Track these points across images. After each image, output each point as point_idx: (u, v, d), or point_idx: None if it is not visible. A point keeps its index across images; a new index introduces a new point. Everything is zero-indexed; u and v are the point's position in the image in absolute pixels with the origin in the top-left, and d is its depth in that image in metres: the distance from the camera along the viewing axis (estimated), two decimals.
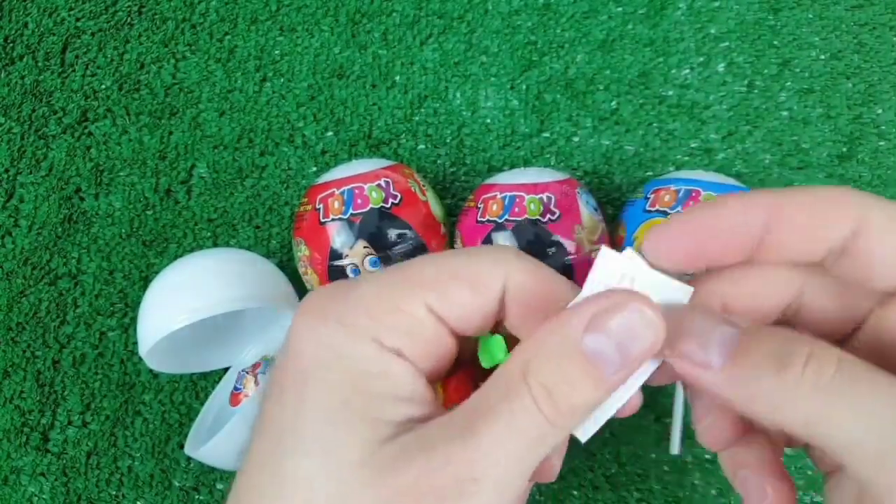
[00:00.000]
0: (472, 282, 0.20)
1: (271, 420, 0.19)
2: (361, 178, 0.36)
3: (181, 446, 0.41)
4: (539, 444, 0.19)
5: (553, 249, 0.35)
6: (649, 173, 0.43)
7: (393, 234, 0.36)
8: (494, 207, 0.36)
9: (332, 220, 0.36)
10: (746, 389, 0.19)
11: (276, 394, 0.20)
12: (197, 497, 0.41)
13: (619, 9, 0.44)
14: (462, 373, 0.24)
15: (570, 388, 0.19)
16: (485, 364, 0.22)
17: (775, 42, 0.44)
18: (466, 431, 0.18)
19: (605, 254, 0.20)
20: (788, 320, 0.22)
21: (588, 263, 0.36)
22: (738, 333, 0.19)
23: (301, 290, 0.40)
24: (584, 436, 0.21)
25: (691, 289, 0.20)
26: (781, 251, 0.20)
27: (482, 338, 0.22)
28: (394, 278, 0.20)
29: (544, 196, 0.36)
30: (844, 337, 0.21)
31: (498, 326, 0.22)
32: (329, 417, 0.18)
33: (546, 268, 0.21)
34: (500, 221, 0.36)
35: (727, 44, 0.44)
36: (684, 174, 0.37)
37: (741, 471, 0.22)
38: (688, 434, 0.40)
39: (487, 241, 0.36)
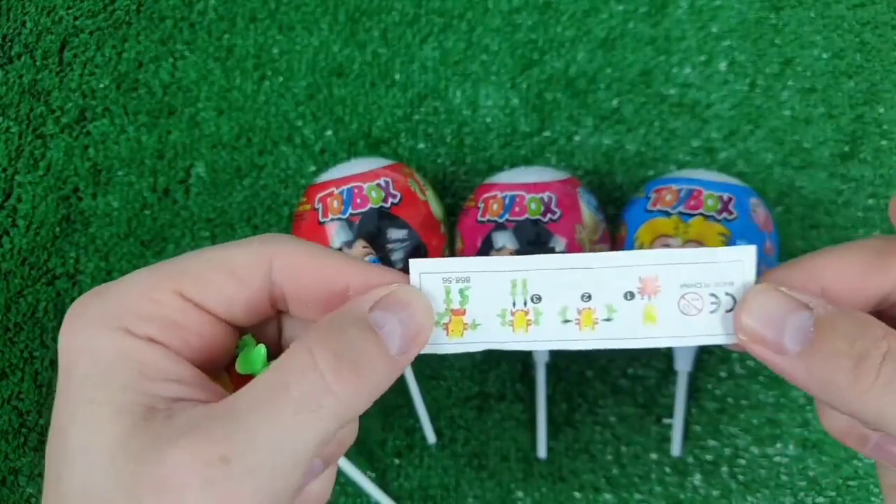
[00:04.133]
0: (231, 271, 0.20)
1: (51, 430, 0.19)
2: (361, 177, 0.36)
3: None
4: (317, 422, 0.18)
5: (554, 249, 0.35)
6: (651, 172, 0.43)
7: (392, 233, 0.35)
8: (495, 207, 0.36)
9: (332, 219, 0.36)
10: (821, 379, 0.19)
11: (54, 405, 0.20)
12: None
13: (621, 7, 0.44)
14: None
15: (358, 354, 0.19)
16: (240, 369, 0.22)
17: (777, 41, 0.43)
18: (229, 414, 0.18)
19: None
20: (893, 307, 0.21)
21: None
22: (811, 319, 0.19)
23: None
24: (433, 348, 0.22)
25: (753, 247, 0.21)
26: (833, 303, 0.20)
27: (244, 344, 0.22)
28: (150, 270, 0.20)
29: (545, 195, 0.36)
30: None
31: (281, 315, 0.23)
32: (87, 412, 0.18)
33: (321, 249, 0.21)
34: (500, 221, 0.36)
35: (729, 42, 0.43)
36: (686, 173, 0.37)
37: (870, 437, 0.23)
38: (688, 435, 0.40)
39: (488, 240, 0.36)
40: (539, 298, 0.21)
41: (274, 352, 0.22)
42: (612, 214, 0.42)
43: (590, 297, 0.21)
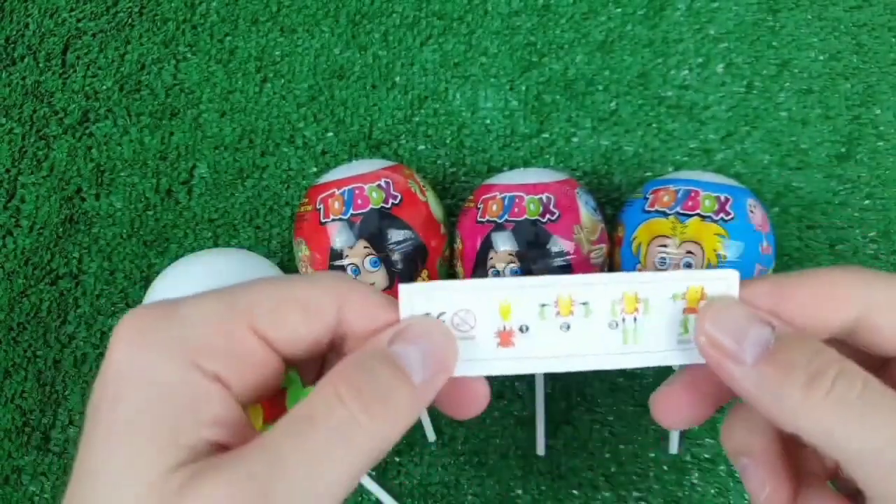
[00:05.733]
0: (304, 306, 0.20)
1: (84, 456, 0.19)
2: (362, 178, 0.37)
3: None
4: (348, 453, 0.18)
5: (552, 250, 0.35)
6: (648, 173, 0.43)
7: (393, 234, 0.36)
8: (494, 208, 0.36)
9: (333, 220, 0.36)
10: (772, 393, 0.19)
11: (90, 425, 0.19)
12: None
13: (619, 10, 0.44)
14: (283, 392, 0.24)
15: (381, 387, 0.19)
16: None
17: (774, 43, 0.44)
18: (264, 448, 0.18)
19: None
20: (843, 340, 0.22)
21: (587, 263, 0.36)
22: (773, 335, 0.20)
23: None
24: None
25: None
26: None
27: (290, 381, 0.22)
28: (222, 300, 0.20)
29: (544, 196, 0.36)
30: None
31: (330, 353, 0.23)
32: (131, 447, 0.18)
33: (381, 295, 0.22)
34: (499, 222, 0.36)
35: (726, 44, 0.44)
36: (683, 174, 0.37)
37: (742, 458, 0.23)
38: (686, 433, 0.40)
39: (487, 241, 0.36)
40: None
41: None
42: (611, 215, 0.42)
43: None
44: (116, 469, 0.18)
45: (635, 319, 0.22)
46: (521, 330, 0.22)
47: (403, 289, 0.22)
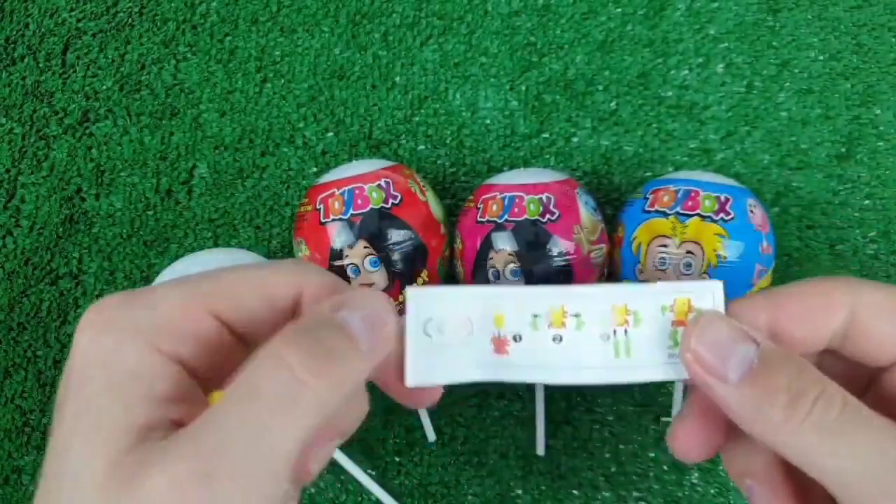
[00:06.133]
0: (262, 291, 0.21)
1: (53, 439, 0.19)
2: (362, 178, 0.37)
3: None
4: (293, 417, 0.18)
5: (552, 250, 0.35)
6: (648, 173, 0.43)
7: (393, 234, 0.36)
8: (494, 207, 0.36)
9: (333, 220, 0.36)
10: (754, 412, 0.20)
11: (58, 408, 0.19)
12: None
13: (619, 10, 0.44)
14: None
15: (328, 349, 0.19)
16: None
17: (774, 43, 0.44)
18: (209, 424, 0.18)
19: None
20: (835, 349, 0.22)
21: (587, 263, 0.36)
22: (757, 353, 0.20)
23: None
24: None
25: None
26: (788, 344, 0.21)
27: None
28: (182, 286, 0.21)
29: (544, 196, 0.36)
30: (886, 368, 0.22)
31: None
32: (91, 428, 0.18)
33: (344, 283, 0.22)
34: (499, 221, 0.36)
35: (726, 44, 0.44)
36: (683, 174, 0.37)
37: (746, 479, 0.23)
38: None
39: (487, 241, 0.36)
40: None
41: None
42: (611, 215, 0.42)
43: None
44: (77, 452, 0.18)
45: (626, 332, 0.22)
46: (514, 339, 0.22)
47: (410, 292, 0.22)
